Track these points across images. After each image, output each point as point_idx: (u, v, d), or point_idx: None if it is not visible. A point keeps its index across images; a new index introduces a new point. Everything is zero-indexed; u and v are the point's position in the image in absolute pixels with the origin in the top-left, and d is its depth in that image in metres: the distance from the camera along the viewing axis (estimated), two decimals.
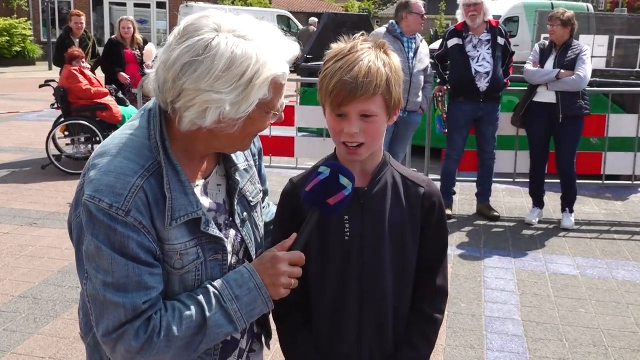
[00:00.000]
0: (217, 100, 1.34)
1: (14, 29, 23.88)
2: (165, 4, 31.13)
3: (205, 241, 1.49)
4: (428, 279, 1.70)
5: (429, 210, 1.66)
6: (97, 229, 1.35)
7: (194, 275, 1.48)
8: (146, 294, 1.38)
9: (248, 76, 1.34)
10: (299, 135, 7.58)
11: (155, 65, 1.43)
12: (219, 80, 1.33)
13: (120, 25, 8.52)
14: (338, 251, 1.63)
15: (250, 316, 1.48)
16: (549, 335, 3.87)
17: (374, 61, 1.51)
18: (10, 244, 5.23)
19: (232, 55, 1.33)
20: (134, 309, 1.36)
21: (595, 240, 5.67)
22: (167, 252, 1.43)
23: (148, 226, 1.39)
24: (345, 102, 1.51)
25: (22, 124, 11.13)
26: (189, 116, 1.37)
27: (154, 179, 1.41)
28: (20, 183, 7.20)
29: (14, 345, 3.61)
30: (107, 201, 1.35)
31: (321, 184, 1.51)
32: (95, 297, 1.38)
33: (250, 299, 1.47)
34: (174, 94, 1.37)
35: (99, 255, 1.35)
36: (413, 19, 5.86)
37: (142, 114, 1.50)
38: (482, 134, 6.12)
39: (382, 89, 1.51)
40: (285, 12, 28.78)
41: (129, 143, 1.43)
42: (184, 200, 1.44)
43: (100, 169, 1.39)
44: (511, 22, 17.73)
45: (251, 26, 1.40)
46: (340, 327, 1.66)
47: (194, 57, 1.33)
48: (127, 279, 1.36)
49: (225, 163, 1.62)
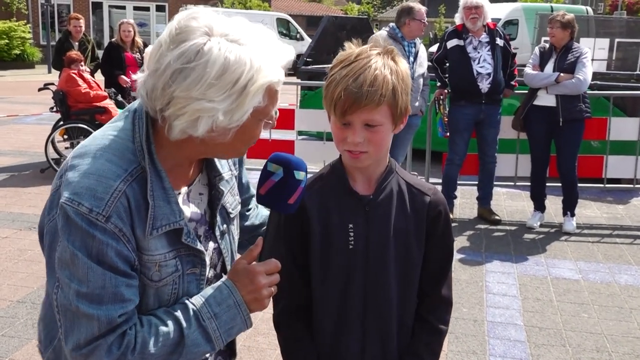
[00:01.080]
0: (210, 108, 1.27)
1: (13, 32, 23.85)
2: (164, 7, 31.14)
3: (184, 253, 1.42)
4: (433, 288, 1.67)
5: (435, 219, 1.63)
6: (73, 234, 1.27)
7: (171, 289, 1.41)
8: (122, 306, 1.30)
9: (242, 83, 1.28)
10: (298, 139, 7.56)
11: (144, 70, 1.36)
12: (211, 87, 1.26)
13: (120, 28, 8.51)
14: (342, 260, 1.60)
15: (228, 335, 1.42)
16: (551, 341, 3.84)
17: (381, 69, 1.47)
18: (9, 248, 5.19)
19: (225, 61, 1.27)
20: (109, 322, 1.28)
21: (597, 244, 5.64)
22: (145, 262, 1.36)
23: (128, 234, 1.31)
24: (349, 111, 1.47)
25: (21, 127, 11.10)
26: (179, 125, 1.30)
27: (136, 184, 1.33)
28: (19, 187, 7.17)
29: (12, 350, 3.58)
30: (87, 205, 1.26)
31: (278, 186, 1.44)
32: (66, 308, 1.29)
33: (229, 316, 1.41)
34: (162, 102, 1.30)
35: (74, 262, 1.27)
36: (415, 25, 5.85)
37: (125, 115, 1.41)
38: (483, 138, 6.10)
39: (387, 98, 1.47)
40: (285, 15, 28.80)
41: (112, 145, 1.35)
42: (167, 209, 1.36)
43: (80, 170, 1.31)
44: (510, 24, 17.75)
45: (244, 29, 1.33)
46: (343, 337, 1.63)
47: (184, 64, 1.26)
48: (103, 290, 1.28)
49: (208, 171, 1.55)
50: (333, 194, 1.61)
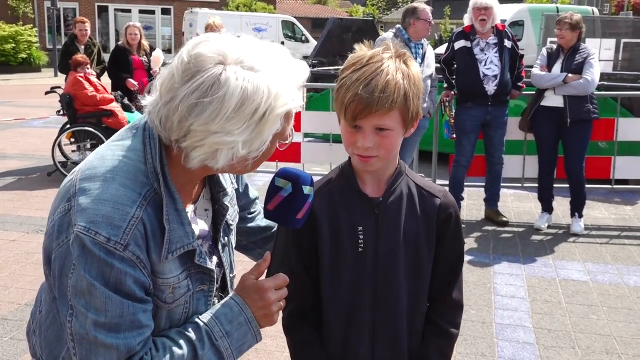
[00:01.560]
0: (229, 142, 1.24)
1: (20, 36, 23.96)
2: (170, 10, 31.25)
3: (194, 272, 1.41)
4: (443, 292, 1.66)
5: (445, 221, 1.62)
6: (90, 263, 1.23)
7: (182, 309, 1.40)
8: (140, 333, 1.28)
9: (260, 112, 1.24)
10: (305, 141, 7.55)
11: (154, 95, 1.32)
12: (230, 121, 1.23)
13: (127, 31, 8.52)
14: (351, 263, 1.58)
15: (240, 351, 1.42)
16: (560, 343, 3.82)
17: (393, 74, 1.45)
18: (17, 252, 5.20)
19: (243, 93, 1.22)
20: (128, 350, 1.26)
21: (605, 245, 5.61)
22: (160, 286, 1.34)
23: (145, 260, 1.29)
24: (360, 116, 1.45)
25: (28, 131, 11.14)
26: (197, 157, 1.27)
27: (151, 208, 1.30)
28: (26, 190, 7.19)
29: (20, 354, 3.58)
30: (105, 234, 1.23)
31: (286, 201, 1.43)
32: (82, 337, 1.26)
33: (240, 334, 1.40)
34: (179, 134, 1.26)
35: (91, 292, 1.23)
36: (421, 25, 5.84)
37: (134, 133, 1.36)
38: (490, 139, 6.08)
39: (399, 104, 1.45)
40: (290, 18, 28.82)
41: (124, 167, 1.30)
42: (181, 232, 1.34)
43: (93, 196, 1.26)
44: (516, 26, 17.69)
45: (258, 53, 1.28)
46: (353, 340, 1.62)
47: (200, 98, 1.22)
48: (121, 319, 1.25)
49: (212, 186, 1.53)
50: (342, 197, 1.60)
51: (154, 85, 1.33)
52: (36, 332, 1.50)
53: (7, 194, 7.02)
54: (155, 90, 1.32)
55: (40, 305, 1.51)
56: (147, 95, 1.36)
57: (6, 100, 15.68)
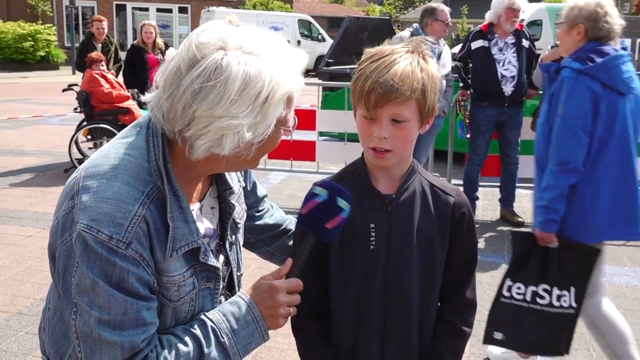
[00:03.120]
0: (235, 125, 1.25)
1: (39, 34, 24.21)
2: (187, 8, 31.38)
3: (199, 269, 1.41)
4: (457, 291, 1.65)
5: (459, 220, 1.61)
6: (92, 261, 1.24)
7: (188, 306, 1.40)
8: (144, 330, 1.28)
9: (263, 96, 1.25)
10: (320, 140, 7.55)
11: (156, 90, 1.33)
12: (234, 104, 1.23)
13: (142, 30, 8.57)
14: (362, 261, 1.57)
15: (246, 350, 1.41)
16: (575, 345, 3.77)
17: (412, 64, 1.45)
18: (33, 247, 5.25)
19: (245, 75, 1.24)
20: (132, 347, 1.26)
21: (622, 247, 5.55)
22: (164, 283, 1.34)
23: (148, 258, 1.29)
24: (379, 104, 1.44)
25: (46, 128, 11.25)
26: (202, 145, 1.27)
27: (154, 205, 1.30)
28: (43, 186, 7.25)
29: (35, 348, 3.62)
30: (107, 232, 1.23)
31: (318, 207, 1.44)
32: (86, 334, 1.26)
33: (247, 332, 1.40)
34: (183, 123, 1.27)
35: (94, 290, 1.24)
36: (438, 26, 5.82)
37: (137, 131, 1.38)
38: (505, 139, 6.04)
39: (417, 94, 1.45)
40: (306, 17, 28.83)
41: (127, 165, 1.30)
42: (185, 229, 1.35)
43: (96, 193, 1.26)
44: (534, 25, 17.56)
45: (257, 39, 1.30)
46: (362, 340, 1.61)
47: (203, 83, 1.23)
48: (125, 316, 1.26)
49: (218, 184, 1.53)
50: (354, 193, 1.59)
51: (155, 81, 1.33)
52: (45, 329, 1.51)
53: (25, 189, 7.09)
54: (158, 85, 1.33)
55: (49, 303, 1.52)
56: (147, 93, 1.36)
57: (24, 97, 15.85)
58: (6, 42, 23.56)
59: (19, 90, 17.50)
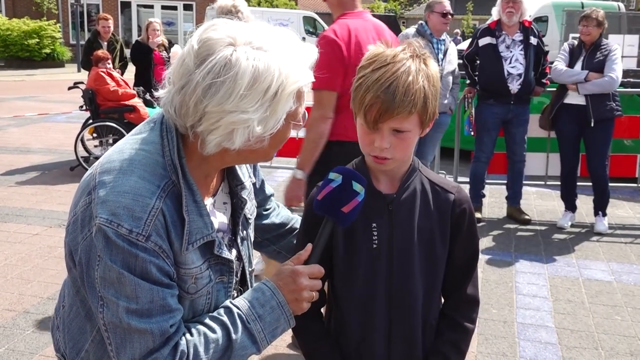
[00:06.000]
0: (245, 120, 1.27)
1: (44, 31, 24.23)
2: (192, 6, 31.36)
3: (213, 262, 1.43)
4: (458, 287, 1.65)
5: (459, 217, 1.61)
6: (115, 254, 1.26)
7: (205, 299, 1.43)
8: (171, 316, 1.31)
9: (273, 90, 1.28)
10: None
11: (167, 87, 1.35)
12: (243, 99, 1.26)
13: (148, 28, 8.54)
14: (365, 260, 1.58)
15: (273, 335, 1.43)
16: (583, 344, 3.77)
17: (414, 76, 1.44)
18: (39, 245, 5.26)
19: (254, 70, 1.26)
20: (162, 333, 1.29)
21: (630, 244, 5.52)
22: (182, 276, 1.36)
23: (167, 250, 1.31)
24: (379, 120, 1.45)
25: (52, 126, 11.26)
26: (214, 140, 1.30)
27: (169, 199, 1.32)
28: (49, 184, 7.26)
29: (42, 347, 3.61)
30: (127, 226, 1.26)
31: (334, 192, 1.46)
32: (115, 326, 1.28)
33: (273, 317, 1.42)
34: (194, 119, 1.29)
35: (120, 281, 1.26)
36: (435, 18, 5.78)
37: (151, 127, 1.40)
38: (511, 137, 6.01)
39: (418, 107, 1.45)
40: (311, 13, 28.77)
41: (142, 160, 1.33)
42: (200, 223, 1.37)
43: (113, 188, 1.29)
44: (540, 21, 17.48)
45: (266, 34, 1.32)
46: (368, 336, 1.61)
47: (213, 79, 1.26)
48: (152, 304, 1.28)
49: (230, 179, 1.55)
50: None
51: (166, 77, 1.36)
52: (59, 327, 1.52)
53: (30, 187, 7.10)
54: (168, 81, 1.35)
55: (62, 301, 1.53)
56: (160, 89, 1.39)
57: (30, 95, 15.88)
58: (12, 39, 23.61)
59: (25, 88, 17.53)
